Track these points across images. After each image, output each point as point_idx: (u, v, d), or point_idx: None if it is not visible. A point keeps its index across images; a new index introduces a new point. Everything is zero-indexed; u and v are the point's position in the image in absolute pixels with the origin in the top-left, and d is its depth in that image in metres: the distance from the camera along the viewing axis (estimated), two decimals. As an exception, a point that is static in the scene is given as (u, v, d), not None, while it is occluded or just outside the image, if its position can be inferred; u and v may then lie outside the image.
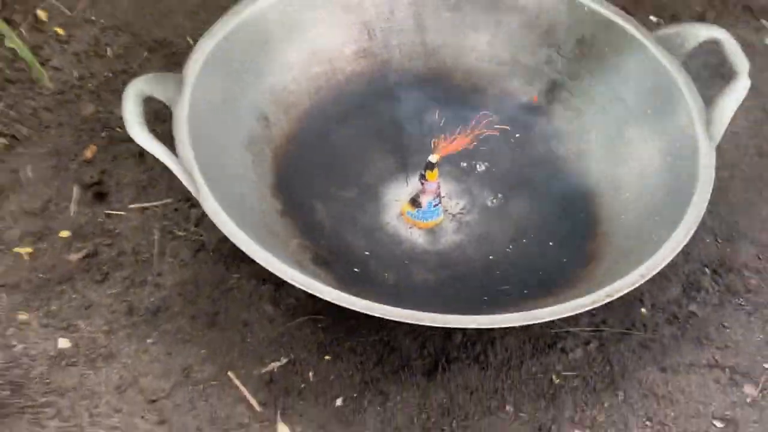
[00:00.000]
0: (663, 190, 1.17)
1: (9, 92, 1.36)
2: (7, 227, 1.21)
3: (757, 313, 1.18)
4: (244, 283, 1.18)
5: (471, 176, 1.30)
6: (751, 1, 1.57)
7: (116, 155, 1.30)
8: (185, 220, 1.24)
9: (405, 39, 1.36)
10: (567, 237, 1.21)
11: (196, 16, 1.49)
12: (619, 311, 1.17)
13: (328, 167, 1.28)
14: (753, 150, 1.36)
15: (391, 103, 1.33)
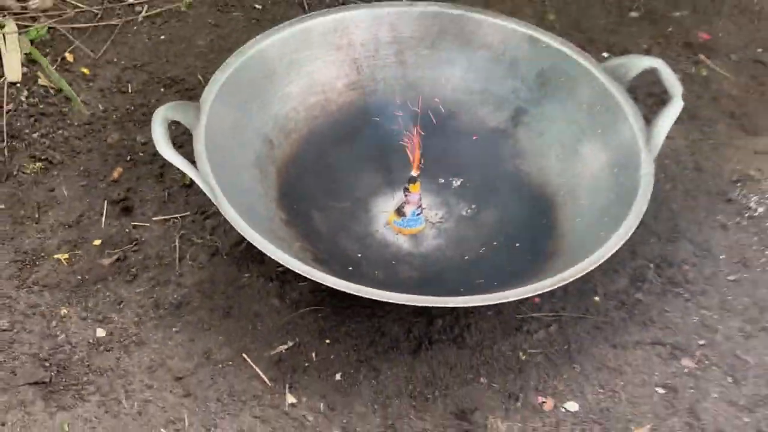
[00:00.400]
0: (611, 196, 1.37)
1: (43, 123, 1.56)
2: (47, 237, 1.40)
3: (694, 299, 1.38)
4: (254, 281, 1.37)
5: (448, 190, 1.50)
6: (690, 38, 1.79)
7: (139, 176, 1.50)
8: (201, 230, 1.43)
9: (389, 73, 1.57)
10: (531, 239, 1.41)
11: (205, 56, 1.69)
12: (576, 299, 1.37)
13: (324, 183, 1.48)
14: (691, 165, 1.57)
15: (378, 129, 1.53)
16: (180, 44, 1.71)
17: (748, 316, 1.37)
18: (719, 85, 1.71)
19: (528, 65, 1.53)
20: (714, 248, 1.45)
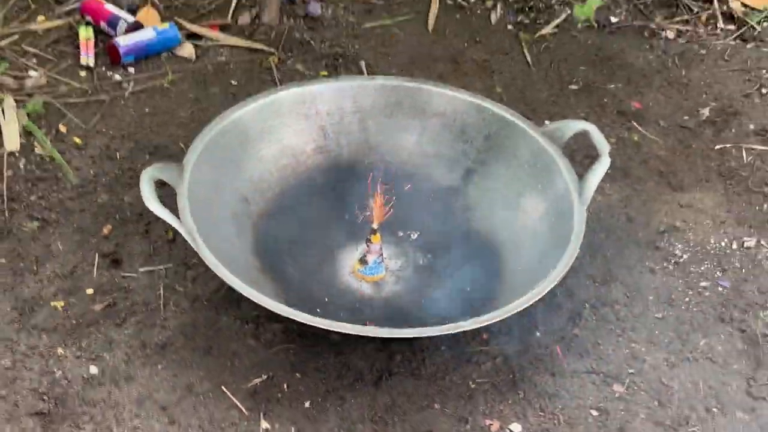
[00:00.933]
0: (549, 241, 1.55)
1: (39, 187, 1.72)
2: (44, 287, 1.56)
3: (624, 334, 1.55)
4: (232, 324, 1.53)
5: (406, 242, 1.67)
6: (624, 107, 1.99)
7: (127, 232, 1.66)
8: (183, 279, 1.59)
9: (352, 138, 1.75)
10: (481, 281, 1.58)
11: (186, 126, 1.87)
12: (519, 335, 1.53)
13: (295, 235, 1.65)
14: (624, 217, 1.75)
15: (343, 187, 1.71)
16: (163, 116, 1.89)
17: (673, 348, 1.54)
18: (649, 148, 1.90)
19: (476, 130, 1.72)
20: (643, 290, 1.62)
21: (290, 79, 1.98)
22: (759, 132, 1.97)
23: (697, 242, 1.72)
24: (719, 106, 2.01)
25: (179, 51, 2.03)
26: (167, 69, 1.98)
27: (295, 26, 2.12)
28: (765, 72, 2.12)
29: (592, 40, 2.17)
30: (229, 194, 1.61)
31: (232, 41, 2.07)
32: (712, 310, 1.60)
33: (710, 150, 1.91)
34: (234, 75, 2.00)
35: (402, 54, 2.09)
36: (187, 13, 2.14)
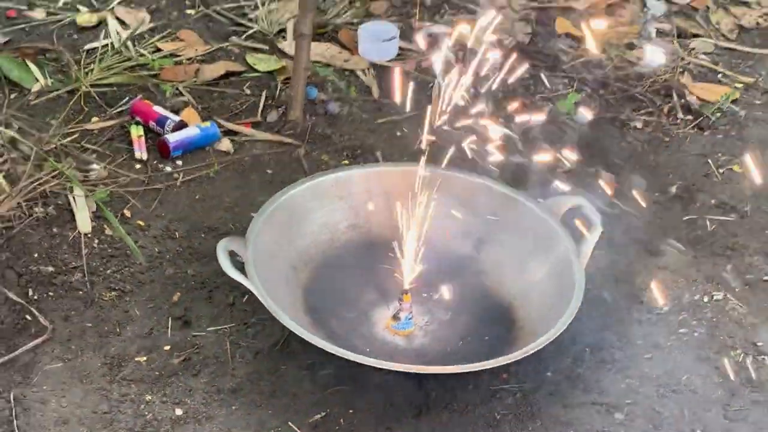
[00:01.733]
0: (554, 296, 1.86)
1: (113, 263, 2.01)
2: (128, 345, 1.83)
3: (620, 372, 1.85)
4: (290, 370, 1.80)
5: (431, 302, 1.97)
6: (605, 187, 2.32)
7: (193, 298, 1.94)
8: (245, 336, 1.87)
9: (379, 217, 2.06)
10: (496, 331, 1.88)
11: (232, 210, 2.17)
12: (534, 375, 1.82)
13: (336, 298, 1.94)
14: (612, 278, 2.06)
15: (374, 258, 2.01)
16: (212, 201, 2.19)
17: (661, 382, 1.84)
18: (628, 220, 2.22)
19: (485, 207, 2.03)
20: (633, 336, 1.93)
21: (317, 168, 2.29)
22: (719, 205, 2.30)
23: (674, 297, 2.03)
24: (685, 185, 2.35)
25: (219, 146, 2.34)
26: (212, 161, 2.28)
27: (317, 123, 2.44)
28: (720, 155, 2.47)
29: (568, 141, 2.50)
30: (281, 263, 1.91)
31: (264, 136, 2.39)
32: (691, 352, 1.91)
33: (680, 221, 2.24)
34: (269, 165, 2.31)
35: (411, 145, 2.41)
36: (222, 113, 2.45)
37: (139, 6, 2.85)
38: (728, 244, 2.18)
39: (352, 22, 2.83)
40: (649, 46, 2.77)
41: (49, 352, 1.81)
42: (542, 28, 2.81)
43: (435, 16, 2.91)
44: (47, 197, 2.11)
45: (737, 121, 2.61)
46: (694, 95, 2.69)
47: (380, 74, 2.65)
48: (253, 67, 2.62)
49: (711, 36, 2.98)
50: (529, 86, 2.61)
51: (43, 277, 1.95)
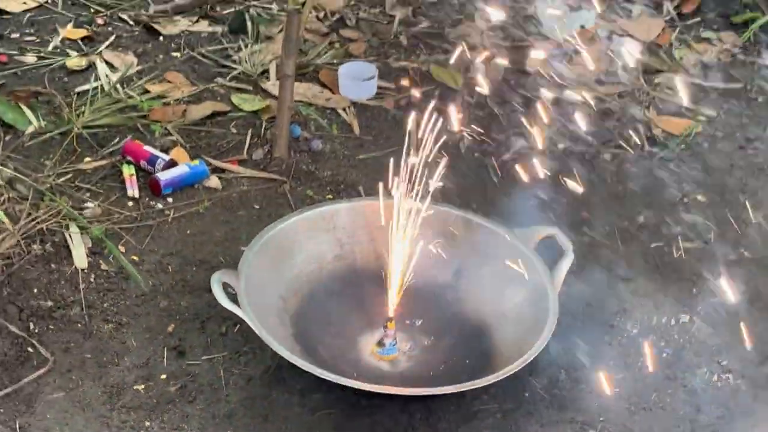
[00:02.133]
0: (529, 321, 1.97)
1: (108, 296, 2.10)
2: (126, 375, 1.92)
3: (593, 392, 1.96)
4: (281, 396, 1.90)
5: (413, 328, 2.08)
6: (575, 216, 2.44)
7: (187, 329, 2.04)
8: (237, 364, 1.97)
9: (363, 248, 2.17)
10: (476, 355, 1.99)
11: (222, 243, 2.27)
12: (513, 396, 1.93)
13: (323, 326, 2.04)
14: (583, 303, 2.17)
15: (358, 287, 2.12)
16: (202, 236, 2.29)
17: (632, 401, 1.95)
18: (599, 248, 2.34)
19: (463, 237, 2.15)
20: (605, 357, 2.04)
21: (303, 203, 2.40)
22: (684, 234, 2.43)
23: (643, 320, 2.15)
24: (651, 213, 2.47)
25: (208, 183, 2.44)
26: (202, 197, 2.38)
27: (301, 159, 2.55)
28: (685, 185, 2.60)
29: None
30: (271, 293, 2.01)
31: (250, 173, 2.49)
32: (659, 371, 2.02)
33: (648, 248, 2.36)
34: (256, 200, 2.42)
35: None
36: (210, 151, 2.56)
37: (126, 50, 2.97)
38: (694, 269, 2.30)
39: (332, 63, 2.95)
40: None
41: (51, 383, 1.89)
42: (513, 66, 2.94)
43: (411, 56, 3.04)
44: (44, 235, 2.20)
45: (701, 153, 2.74)
46: (659, 128, 2.83)
47: (360, 112, 2.77)
48: (238, 106, 2.73)
49: (674, 71, 3.12)
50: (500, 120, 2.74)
51: (43, 311, 2.04)
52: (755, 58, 3.26)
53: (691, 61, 3.21)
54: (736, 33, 3.33)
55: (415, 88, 2.61)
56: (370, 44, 3.09)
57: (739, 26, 3.37)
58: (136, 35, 3.07)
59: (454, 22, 3.24)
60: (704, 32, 3.34)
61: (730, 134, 2.87)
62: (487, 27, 3.08)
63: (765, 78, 3.17)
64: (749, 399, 1.98)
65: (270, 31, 3.08)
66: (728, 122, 2.92)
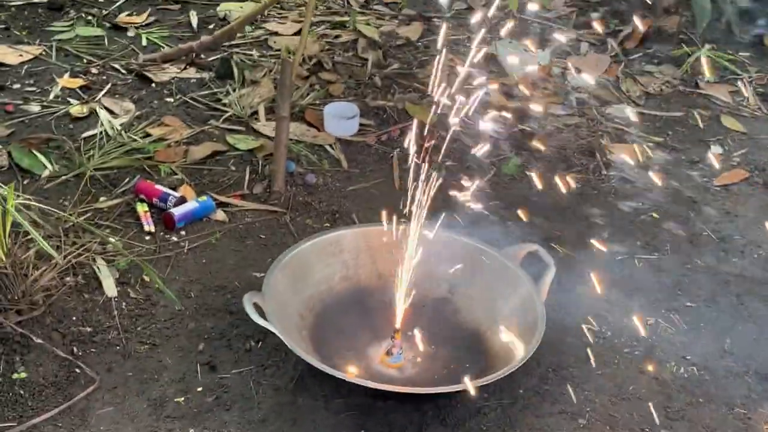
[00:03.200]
0: (520, 327, 2.24)
1: (140, 321, 2.32)
2: (166, 389, 2.14)
3: (579, 386, 2.23)
4: (307, 401, 2.14)
5: (416, 338, 2.33)
6: (548, 234, 2.73)
7: (216, 347, 2.27)
8: (264, 376, 2.20)
9: (366, 269, 2.43)
10: (474, 359, 2.25)
11: (235, 270, 2.51)
12: (509, 393, 2.19)
13: (336, 339, 2.29)
14: (563, 311, 2.46)
15: (364, 304, 2.37)
16: (216, 264, 2.53)
17: (612, 392, 2.23)
18: (569, 262, 2.63)
19: (457, 256, 2.42)
20: (585, 357, 2.32)
21: (304, 232, 2.65)
22: (644, 246, 2.74)
23: (615, 323, 2.44)
24: (613, 230, 2.78)
25: (215, 216, 2.68)
26: (213, 229, 2.62)
27: (297, 192, 2.81)
28: (641, 204, 2.91)
29: (515, 189, 2.93)
30: (291, 311, 2.26)
31: (253, 206, 2.74)
32: (633, 366, 2.31)
33: (613, 260, 2.66)
34: (260, 231, 2.66)
35: (381, 207, 2.78)
36: (213, 187, 2.80)
37: (123, 96, 3.20)
38: (655, 278, 2.60)
39: (315, 103, 3.22)
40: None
41: (100, 399, 2.11)
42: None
43: (386, 95, 3.32)
44: (75, 268, 2.41)
45: (651, 175, 3.05)
46: (613, 154, 3.14)
47: (346, 148, 3.04)
48: (234, 146, 2.98)
49: (622, 102, 3.45)
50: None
51: (83, 336, 2.25)
52: (693, 88, 3.61)
53: (636, 92, 3.54)
54: (676, 66, 3.68)
55: (394, 125, 2.90)
56: (348, 85, 3.36)
57: (678, 60, 3.72)
58: (130, 83, 3.30)
59: (421, 63, 3.53)
60: (647, 66, 3.69)
61: (676, 157, 3.19)
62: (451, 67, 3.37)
63: (703, 106, 3.52)
64: (712, 388, 2.27)
65: (254, 76, 3.33)
66: (674, 147, 3.25)
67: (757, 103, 3.54)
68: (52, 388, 2.11)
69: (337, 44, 3.63)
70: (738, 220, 2.88)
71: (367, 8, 3.99)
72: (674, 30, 3.82)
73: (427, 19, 3.88)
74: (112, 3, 3.85)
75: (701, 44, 3.74)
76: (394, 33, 3.76)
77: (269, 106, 3.17)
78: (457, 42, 3.70)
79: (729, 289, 2.59)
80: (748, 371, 2.31)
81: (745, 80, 3.66)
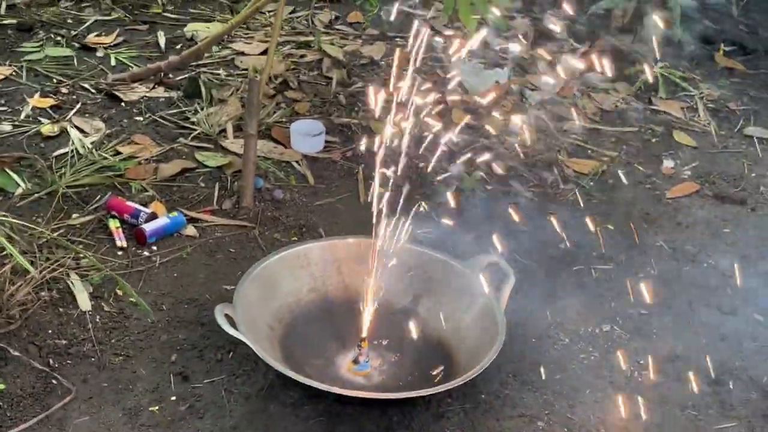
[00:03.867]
0: (482, 335, 2.34)
1: (113, 334, 2.39)
2: (140, 399, 2.22)
3: (538, 391, 2.33)
4: (277, 408, 2.22)
5: (381, 347, 2.43)
6: (507, 247, 2.84)
7: (188, 358, 2.35)
8: (235, 384, 2.28)
9: (333, 281, 2.52)
10: (437, 367, 2.34)
11: (205, 284, 2.59)
12: (472, 398, 2.29)
13: (305, 349, 2.38)
14: (523, 319, 2.56)
15: (331, 314, 2.46)
16: (188, 278, 2.61)
17: (569, 396, 2.33)
18: (529, 273, 2.74)
19: (420, 268, 2.52)
20: (544, 363, 2.42)
21: (272, 245, 2.73)
22: (599, 257, 2.85)
23: (573, 331, 2.55)
24: (572, 242, 2.89)
25: (185, 231, 2.76)
26: (184, 244, 2.70)
27: (265, 207, 2.89)
28: (597, 216, 3.02)
29: (475, 213, 3.02)
30: (261, 322, 2.34)
31: (223, 221, 2.82)
32: (590, 371, 2.42)
33: (571, 271, 2.77)
34: (230, 245, 2.74)
35: (346, 221, 2.89)
36: (183, 203, 2.88)
37: (93, 116, 3.27)
38: (610, 286, 2.72)
39: (281, 121, 3.31)
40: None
41: (77, 409, 2.18)
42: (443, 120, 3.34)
43: (351, 113, 3.42)
44: (49, 283, 2.48)
45: (607, 189, 3.18)
46: (570, 169, 3.26)
47: (312, 164, 3.14)
48: (203, 163, 3.06)
49: (578, 119, 3.58)
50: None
51: (59, 349, 2.32)
52: (646, 105, 3.75)
53: (591, 109, 3.67)
54: (629, 83, 3.82)
55: (359, 142, 3.00)
56: (313, 103, 3.46)
57: (631, 78, 3.86)
58: (100, 102, 3.37)
59: (385, 81, 3.62)
60: (601, 84, 3.82)
61: (630, 171, 3.32)
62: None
63: (655, 122, 3.66)
64: (665, 390, 2.38)
65: (222, 95, 3.42)
66: (628, 161, 3.38)
67: (708, 118, 3.68)
68: (29, 398, 2.18)
69: (303, 63, 3.73)
70: (689, 231, 3.01)
71: (331, 28, 4.09)
72: (627, 48, 3.96)
73: (390, 38, 3.98)
74: (81, 24, 3.92)
75: (654, 62, 3.88)
76: (358, 52, 3.87)
77: (237, 124, 3.25)
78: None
79: (681, 296, 2.70)
80: (699, 374, 2.42)
81: (696, 96, 3.80)
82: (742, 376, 2.42)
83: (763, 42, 4.35)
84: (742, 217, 3.11)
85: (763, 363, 2.48)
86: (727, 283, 2.78)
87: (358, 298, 2.42)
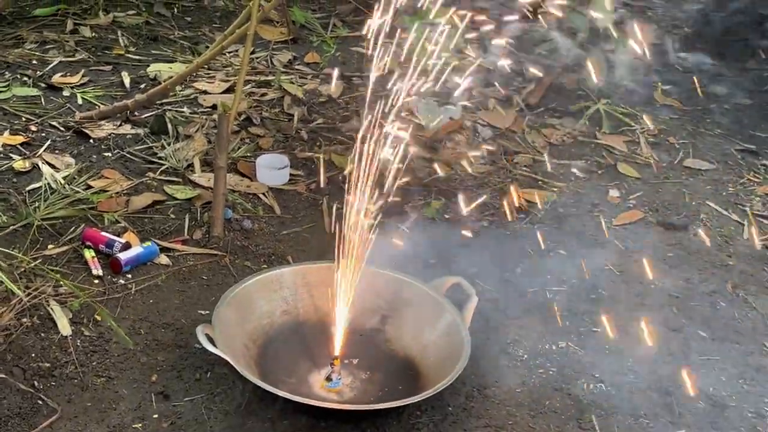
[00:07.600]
0: (447, 351, 2.48)
1: (94, 357, 2.49)
2: (124, 417, 2.31)
3: (501, 402, 2.48)
4: (256, 424, 2.33)
5: (352, 365, 2.55)
6: (468, 272, 2.99)
7: (167, 378, 2.45)
8: (214, 402, 2.39)
9: (304, 304, 2.64)
10: (406, 382, 2.48)
11: (181, 308, 2.69)
12: (440, 410, 2.42)
13: (279, 368, 2.49)
14: (484, 335, 2.71)
15: (303, 335, 2.59)
16: (164, 303, 2.72)
17: (531, 407, 2.48)
18: (489, 293, 2.89)
19: (386, 290, 2.66)
20: (506, 377, 2.57)
21: (242, 273, 2.85)
22: (553, 279, 3.02)
23: (532, 347, 2.70)
24: (526, 266, 3.05)
25: (159, 260, 2.87)
26: (159, 272, 2.81)
27: (235, 237, 3.01)
28: (548, 242, 3.19)
29: (434, 231, 3.18)
30: (238, 342, 2.46)
31: (194, 250, 2.93)
32: (549, 385, 2.57)
33: (527, 292, 2.93)
34: (203, 273, 2.86)
35: (313, 249, 3.02)
36: (155, 234, 2.99)
37: (63, 152, 3.38)
38: (565, 307, 2.88)
39: (246, 156, 3.44)
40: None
41: (63, 427, 2.27)
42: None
43: (313, 147, 3.56)
44: (30, 310, 2.57)
45: (557, 217, 3.36)
46: (522, 198, 3.43)
47: (278, 196, 3.27)
48: (172, 196, 3.18)
49: (528, 152, 3.76)
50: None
51: (42, 371, 2.41)
52: (592, 138, 3.95)
53: (540, 143, 3.86)
54: (575, 119, 4.03)
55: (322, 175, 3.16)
56: (276, 139, 3.60)
57: (577, 113, 4.07)
58: (69, 139, 3.48)
59: (344, 118, 3.80)
60: (549, 119, 4.02)
61: (579, 201, 3.50)
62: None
63: (600, 154, 3.86)
64: (618, 401, 2.54)
65: (188, 131, 3.54)
66: (576, 191, 3.56)
67: (649, 151, 3.88)
68: (17, 418, 2.26)
69: (264, 101, 3.87)
70: (635, 255, 3.19)
71: (290, 68, 4.24)
72: (573, 86, 4.17)
73: (347, 78, 4.15)
74: (46, 65, 4.02)
75: (597, 99, 4.09)
76: (317, 91, 4.02)
77: (203, 158, 3.38)
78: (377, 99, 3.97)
79: (631, 315, 2.87)
80: (649, 386, 2.59)
81: (638, 131, 4.02)
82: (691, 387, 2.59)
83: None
84: (684, 242, 3.30)
85: (707, 374, 2.66)
86: (672, 303, 2.95)
87: (329, 319, 2.55)
